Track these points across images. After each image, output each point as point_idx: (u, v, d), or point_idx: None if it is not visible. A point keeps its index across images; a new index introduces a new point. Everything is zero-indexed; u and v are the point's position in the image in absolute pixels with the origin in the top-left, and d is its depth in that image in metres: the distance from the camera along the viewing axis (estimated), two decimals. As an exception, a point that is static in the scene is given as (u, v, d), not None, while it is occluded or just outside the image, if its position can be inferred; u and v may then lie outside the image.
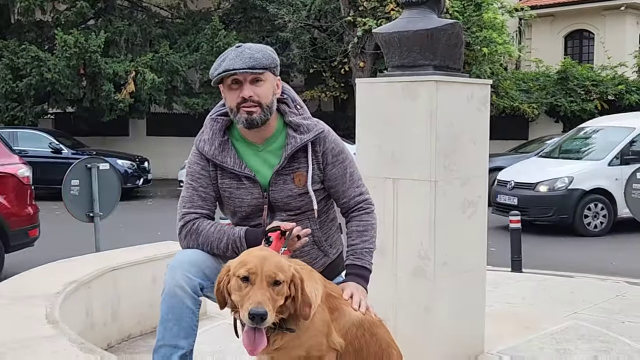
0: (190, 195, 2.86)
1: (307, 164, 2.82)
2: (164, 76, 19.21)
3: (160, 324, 2.80)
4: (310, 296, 2.38)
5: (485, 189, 4.25)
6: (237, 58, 2.73)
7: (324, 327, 2.41)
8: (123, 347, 4.74)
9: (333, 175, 2.86)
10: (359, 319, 2.52)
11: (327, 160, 2.85)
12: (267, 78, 2.77)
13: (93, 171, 6.63)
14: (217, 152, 2.83)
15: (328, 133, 2.88)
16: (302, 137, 2.81)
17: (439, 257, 3.88)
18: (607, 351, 4.38)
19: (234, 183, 2.83)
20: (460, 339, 4.10)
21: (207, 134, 2.88)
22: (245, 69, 2.71)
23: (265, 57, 2.75)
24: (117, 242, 7.22)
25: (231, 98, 2.78)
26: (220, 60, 2.79)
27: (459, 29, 4.03)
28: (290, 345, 2.39)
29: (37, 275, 4.79)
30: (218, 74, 2.76)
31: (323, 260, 2.94)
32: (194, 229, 2.81)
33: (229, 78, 2.75)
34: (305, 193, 2.81)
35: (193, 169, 2.88)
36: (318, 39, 20.45)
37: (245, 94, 2.73)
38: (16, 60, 18.70)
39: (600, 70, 21.12)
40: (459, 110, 4.00)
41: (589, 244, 10.30)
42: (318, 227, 2.89)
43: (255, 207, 2.83)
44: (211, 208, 2.88)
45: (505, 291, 6.03)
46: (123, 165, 16.31)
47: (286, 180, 2.81)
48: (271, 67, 2.77)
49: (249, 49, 2.77)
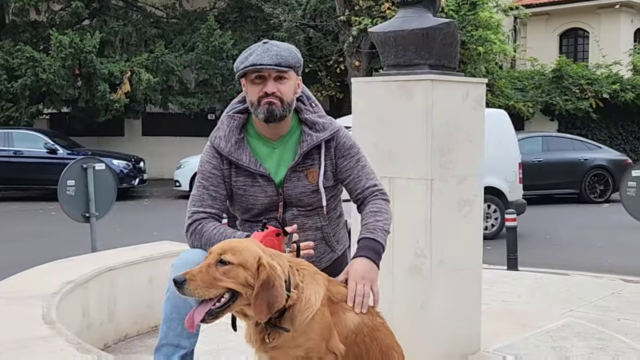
0: (200, 194, 2.86)
1: (320, 161, 2.84)
2: (160, 76, 19.19)
3: (164, 322, 2.80)
4: (309, 300, 2.38)
5: (481, 188, 4.26)
6: (264, 54, 2.73)
7: (324, 330, 2.39)
8: (120, 347, 4.74)
9: (345, 167, 2.88)
10: (356, 325, 2.49)
11: (339, 153, 2.87)
12: (290, 76, 2.79)
13: (89, 171, 6.61)
14: (233, 149, 2.83)
15: (340, 129, 2.91)
16: (318, 135, 2.83)
17: (435, 255, 3.89)
18: (602, 348, 4.40)
19: (248, 181, 2.84)
20: (457, 337, 4.11)
21: (224, 131, 2.88)
22: (272, 66, 2.71)
23: (291, 55, 2.77)
24: (113, 242, 7.22)
25: (253, 92, 2.77)
26: (246, 54, 2.78)
27: (454, 28, 4.04)
28: (287, 345, 2.39)
29: (34, 275, 4.79)
30: (244, 67, 2.74)
31: (330, 255, 2.97)
32: (199, 229, 2.81)
33: (253, 73, 2.75)
34: (317, 190, 2.83)
35: (205, 168, 2.88)
36: (313, 39, 20.48)
37: (268, 89, 2.74)
38: (11, 61, 18.66)
39: (595, 69, 21.19)
40: (454, 109, 4.01)
41: (584, 241, 10.33)
42: (327, 222, 2.92)
43: (269, 204, 2.85)
44: (221, 207, 2.88)
45: (501, 289, 6.04)
46: (119, 166, 16.28)
47: (300, 177, 2.83)
48: (295, 66, 2.79)
49: (276, 46, 2.77)
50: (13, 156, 16.81)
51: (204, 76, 19.85)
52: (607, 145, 20.87)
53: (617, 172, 15.38)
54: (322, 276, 2.53)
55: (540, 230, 11.22)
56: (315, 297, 2.40)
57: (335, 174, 2.89)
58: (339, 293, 2.55)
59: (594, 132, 20.99)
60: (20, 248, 9.78)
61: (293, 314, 2.38)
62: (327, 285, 2.51)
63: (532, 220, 11.71)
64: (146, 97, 19.31)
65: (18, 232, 11.66)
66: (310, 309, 2.38)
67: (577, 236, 10.83)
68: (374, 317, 2.58)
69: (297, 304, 2.39)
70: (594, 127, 20.91)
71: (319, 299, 2.41)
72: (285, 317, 2.38)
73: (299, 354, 2.40)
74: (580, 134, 20.95)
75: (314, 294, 2.41)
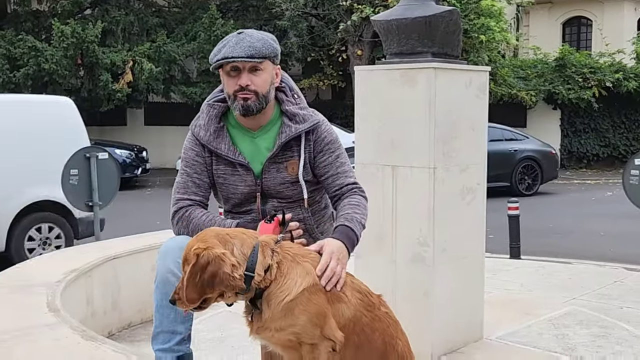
0: (184, 182, 2.86)
1: (299, 153, 2.82)
2: (162, 65, 19.19)
3: (156, 311, 2.83)
4: (286, 282, 2.36)
5: (484, 176, 4.26)
6: (237, 45, 2.72)
7: (313, 316, 2.36)
8: (124, 335, 4.76)
9: (323, 163, 2.84)
10: (354, 314, 2.47)
11: (318, 148, 2.85)
12: (265, 67, 2.76)
13: (92, 160, 6.62)
14: (212, 138, 2.83)
15: (322, 123, 2.88)
16: (297, 127, 2.81)
17: (438, 244, 3.90)
18: (605, 336, 4.41)
19: (228, 170, 2.84)
20: (459, 325, 4.12)
21: (203, 120, 2.88)
22: (244, 58, 2.70)
23: (265, 46, 2.74)
24: (117, 231, 7.24)
25: (229, 85, 2.78)
26: (220, 46, 2.78)
27: (457, 16, 4.03)
28: (271, 327, 2.37)
29: (38, 264, 4.81)
30: (217, 60, 2.75)
31: None
32: (186, 216, 2.81)
33: (228, 65, 2.75)
34: (297, 182, 2.81)
35: (188, 155, 2.88)
36: (316, 27, 20.42)
37: (242, 82, 2.73)
38: (13, 50, 18.65)
39: (598, 57, 21.12)
40: (457, 97, 4.00)
41: (586, 230, 10.34)
42: (310, 214, 2.90)
43: (248, 194, 2.84)
44: (205, 195, 2.88)
45: (503, 278, 6.05)
46: (121, 155, 16.29)
47: (279, 169, 2.82)
48: (271, 56, 2.76)
49: (249, 37, 2.75)
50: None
51: (206, 65, 19.77)
52: (611, 134, 20.89)
53: (545, 163, 15.08)
54: (313, 262, 2.47)
55: (543, 218, 11.22)
56: (294, 281, 2.38)
57: (312, 168, 2.86)
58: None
59: (597, 121, 20.95)
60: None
61: (268, 295, 2.37)
62: (315, 275, 2.44)
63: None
64: (148, 86, 19.31)
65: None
66: (287, 291, 2.36)
67: (579, 225, 10.84)
68: (375, 308, 2.56)
69: (272, 285, 2.37)
70: (596, 116, 20.86)
71: (300, 283, 2.38)
72: (263, 298, 2.38)
73: (289, 338, 2.39)
74: (583, 123, 20.96)
75: (294, 277, 2.39)
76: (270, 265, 2.38)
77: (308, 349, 2.39)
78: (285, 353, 2.48)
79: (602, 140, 21.05)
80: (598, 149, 21.03)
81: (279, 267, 2.39)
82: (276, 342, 2.45)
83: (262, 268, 2.37)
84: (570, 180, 18.18)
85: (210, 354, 4.09)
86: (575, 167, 20.87)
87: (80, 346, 3.11)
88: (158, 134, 21.54)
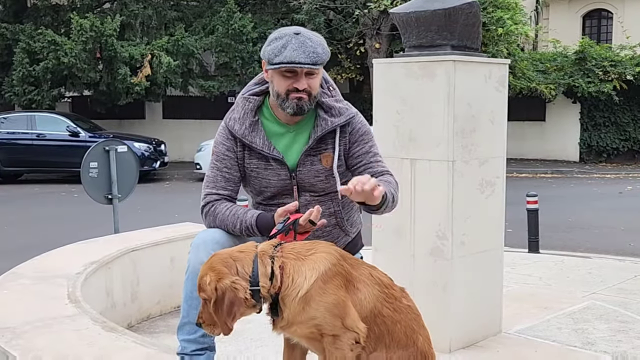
0: (214, 176, 2.88)
1: (334, 145, 2.83)
2: (180, 59, 19.24)
3: (185, 301, 2.84)
4: (293, 280, 2.38)
5: (503, 169, 4.24)
6: (300, 50, 2.68)
7: (331, 307, 2.36)
8: (143, 326, 4.80)
9: (357, 153, 2.86)
10: (374, 306, 2.47)
11: (353, 139, 2.86)
12: (320, 71, 2.79)
13: (111, 154, 6.66)
14: (247, 132, 2.84)
15: (357, 115, 2.90)
16: (333, 121, 2.82)
17: (457, 237, 3.89)
18: (625, 331, 4.38)
19: (261, 164, 2.85)
20: (478, 319, 4.11)
21: (238, 113, 2.88)
22: (309, 65, 2.68)
23: (324, 52, 2.74)
24: (136, 224, 7.28)
25: (282, 84, 2.74)
26: (279, 46, 2.70)
27: (477, 8, 4.00)
28: (292, 323, 2.41)
29: (58, 255, 4.86)
30: (279, 62, 2.69)
31: (344, 239, 2.97)
32: (212, 211, 2.84)
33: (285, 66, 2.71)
34: (331, 174, 2.82)
35: (219, 149, 2.89)
36: (333, 21, 20.35)
37: (300, 85, 2.72)
38: (33, 45, 18.81)
39: (619, 50, 20.85)
40: (477, 90, 3.99)
41: (607, 224, 10.25)
42: (341, 208, 2.92)
43: (282, 187, 2.85)
44: (234, 189, 2.90)
45: (522, 272, 6.03)
46: (140, 148, 16.36)
47: (314, 161, 2.83)
48: (326, 61, 2.77)
49: (309, 41, 2.71)
50: (36, 139, 16.98)
51: (224, 59, 19.85)
52: (631, 128, 20.62)
53: None
54: (324, 255, 2.44)
55: (562, 213, 11.14)
56: (303, 276, 2.39)
57: (346, 158, 2.87)
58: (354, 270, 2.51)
59: (617, 115, 20.72)
60: (43, 229, 9.90)
61: (283, 297, 2.40)
62: (335, 263, 2.44)
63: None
64: (166, 80, 19.39)
65: (41, 214, 11.80)
66: (299, 287, 2.38)
67: (599, 219, 10.74)
68: (396, 300, 2.56)
69: (282, 287, 2.40)
70: (617, 109, 20.64)
71: (311, 275, 2.39)
72: (279, 302, 2.41)
73: (311, 330, 2.41)
74: (603, 117, 20.73)
75: (302, 272, 2.40)
76: (273, 271, 2.41)
77: (330, 341, 2.39)
78: (310, 345, 2.51)
79: (622, 134, 20.82)
80: (618, 143, 20.81)
81: (283, 270, 2.41)
82: (300, 336, 2.47)
83: (265, 277, 2.40)
84: (589, 174, 18.02)
85: (229, 345, 4.11)
86: (595, 161, 20.66)
87: (101, 337, 3.14)
88: (176, 128, 21.64)
